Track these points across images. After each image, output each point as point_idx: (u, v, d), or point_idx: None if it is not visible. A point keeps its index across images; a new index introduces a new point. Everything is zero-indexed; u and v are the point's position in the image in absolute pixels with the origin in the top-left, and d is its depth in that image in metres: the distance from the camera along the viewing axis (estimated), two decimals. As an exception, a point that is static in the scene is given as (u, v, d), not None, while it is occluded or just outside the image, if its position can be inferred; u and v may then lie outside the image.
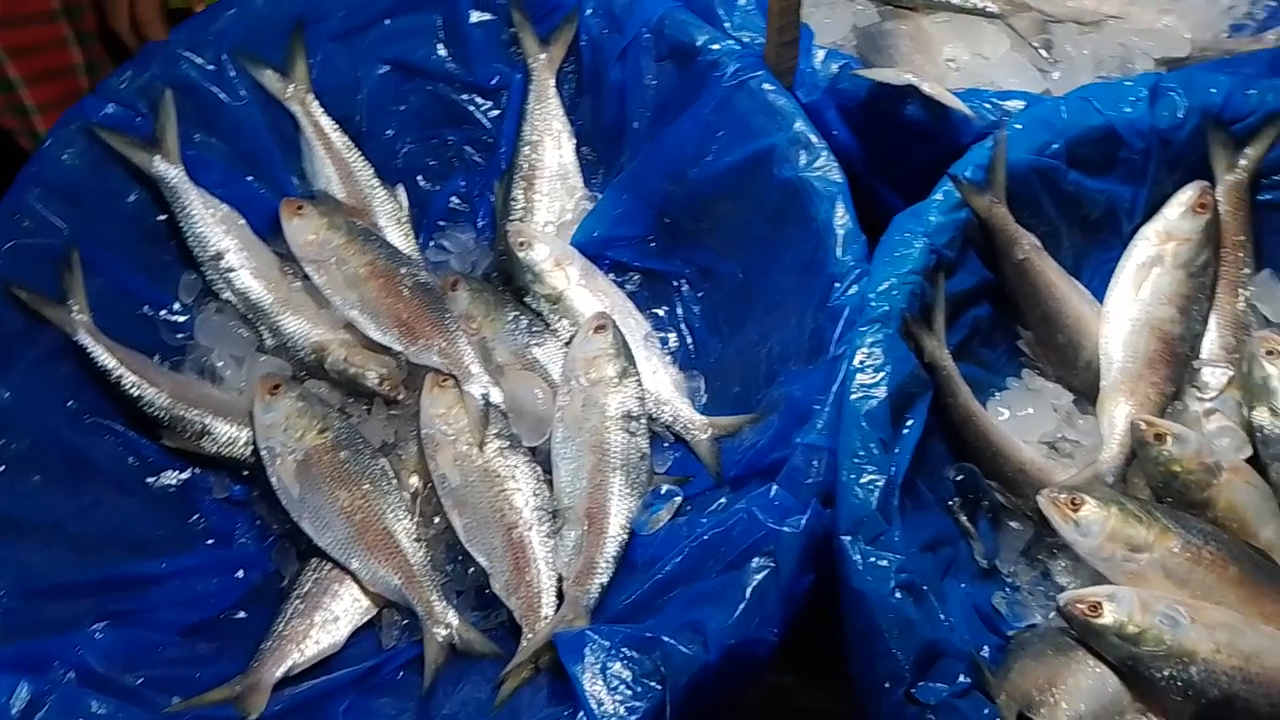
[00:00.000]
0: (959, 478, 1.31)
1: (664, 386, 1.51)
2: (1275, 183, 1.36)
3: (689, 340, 1.57)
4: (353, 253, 1.56)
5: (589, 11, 1.53)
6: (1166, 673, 1.13)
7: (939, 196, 1.27)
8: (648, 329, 1.57)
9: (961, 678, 1.02)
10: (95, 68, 1.74)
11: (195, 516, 1.47)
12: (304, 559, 1.43)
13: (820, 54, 1.41)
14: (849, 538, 1.08)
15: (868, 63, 1.52)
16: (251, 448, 1.48)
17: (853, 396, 1.15)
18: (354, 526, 1.40)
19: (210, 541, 1.45)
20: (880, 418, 1.13)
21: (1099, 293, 1.39)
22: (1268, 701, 1.11)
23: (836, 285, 1.25)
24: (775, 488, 1.14)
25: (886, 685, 1.01)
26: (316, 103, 1.63)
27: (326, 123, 1.64)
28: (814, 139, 1.33)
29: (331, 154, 1.64)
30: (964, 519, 1.29)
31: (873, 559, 1.05)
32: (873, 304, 1.20)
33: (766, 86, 1.37)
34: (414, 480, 1.45)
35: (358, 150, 1.65)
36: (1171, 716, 1.16)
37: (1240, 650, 1.13)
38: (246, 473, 1.50)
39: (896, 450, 1.17)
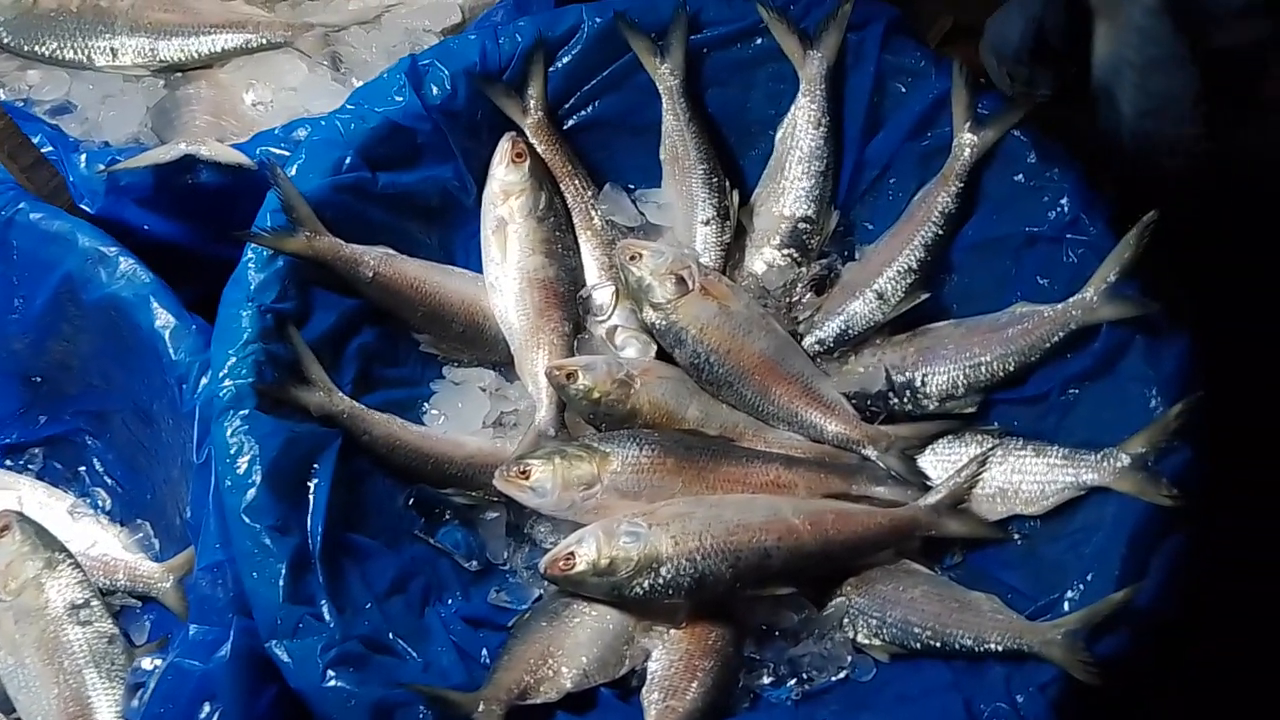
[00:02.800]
0: (411, 502, 1.29)
1: (109, 551, 1.36)
2: (570, 107, 1.44)
3: (119, 490, 1.42)
4: None
5: None
6: (646, 585, 1.19)
7: (251, 255, 1.21)
8: (70, 501, 1.40)
9: (422, 717, 1.00)
10: None
11: None
12: None
13: (82, 159, 1.30)
14: (272, 641, 1.01)
15: (165, 141, 1.44)
16: None
17: (228, 496, 1.08)
18: None
19: None
20: (263, 505, 1.07)
21: (480, 267, 1.42)
22: (728, 566, 1.19)
23: (184, 386, 1.17)
24: (192, 626, 1.05)
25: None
26: None
27: None
28: (106, 249, 1.23)
29: None
30: (433, 539, 1.28)
31: (299, 653, 1.00)
32: (219, 392, 1.13)
33: (35, 215, 1.25)
34: None
35: None
36: (673, 621, 1.24)
37: (693, 531, 1.21)
38: None
39: (309, 521, 1.12)
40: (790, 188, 1.45)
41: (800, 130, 1.42)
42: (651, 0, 1.38)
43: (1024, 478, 1.23)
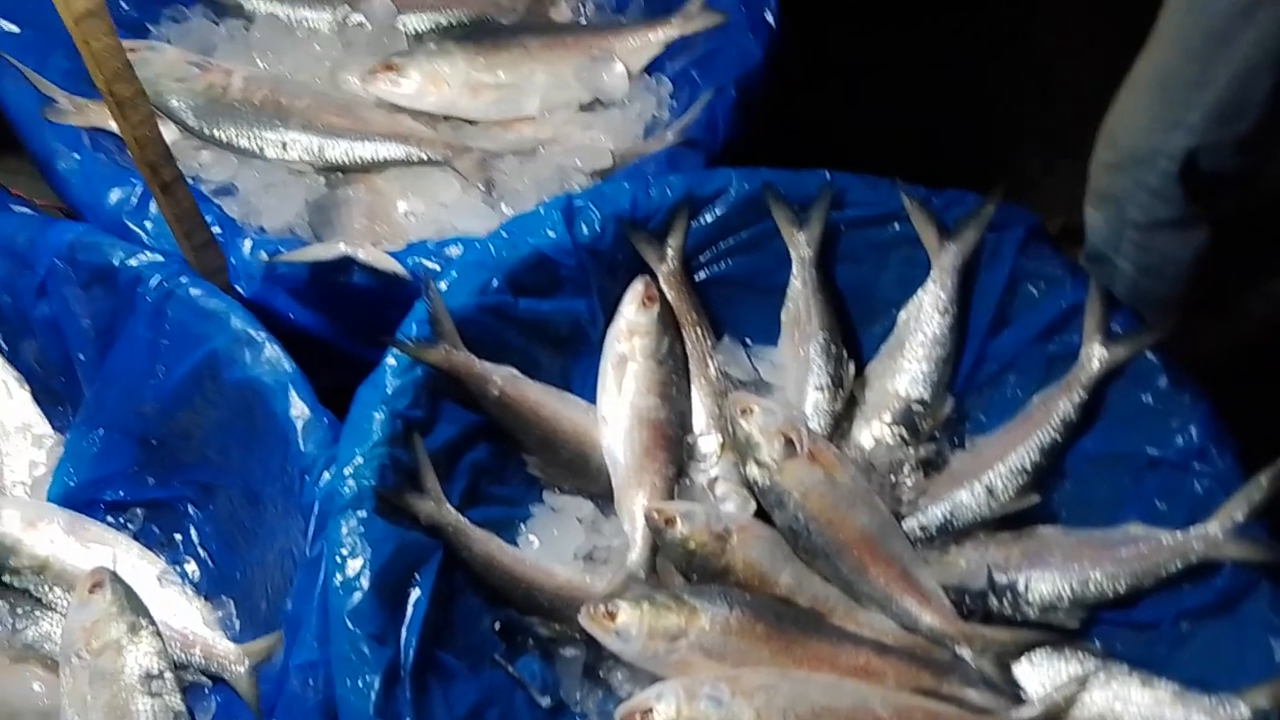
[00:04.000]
0: (497, 626, 1.29)
1: (190, 625, 1.37)
2: (704, 261, 1.49)
3: (210, 564, 1.44)
4: None
5: (-11, 256, 1.40)
6: (723, 757, 1.16)
7: (391, 360, 1.26)
8: (161, 566, 1.42)
9: None
10: None
11: None
12: None
13: (248, 244, 1.37)
14: (355, 755, 1.00)
15: (320, 237, 1.51)
16: None
17: (335, 597, 1.09)
18: None
19: None
20: (367, 612, 1.08)
21: (594, 398, 1.45)
22: (811, 748, 1.16)
23: (306, 478, 1.20)
24: (276, 723, 1.05)
25: None
26: None
27: None
28: (254, 333, 1.28)
29: None
30: (512, 668, 1.27)
31: (380, 771, 0.99)
32: (342, 490, 1.15)
33: (195, 291, 1.31)
34: None
35: None
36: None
37: (778, 707, 1.18)
38: None
39: (404, 633, 1.12)
40: (908, 368, 1.47)
41: (925, 314, 1.45)
42: (799, 175, 1.44)
43: (1128, 708, 1.18)
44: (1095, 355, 1.35)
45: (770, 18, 1.63)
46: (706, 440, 1.46)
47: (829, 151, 1.55)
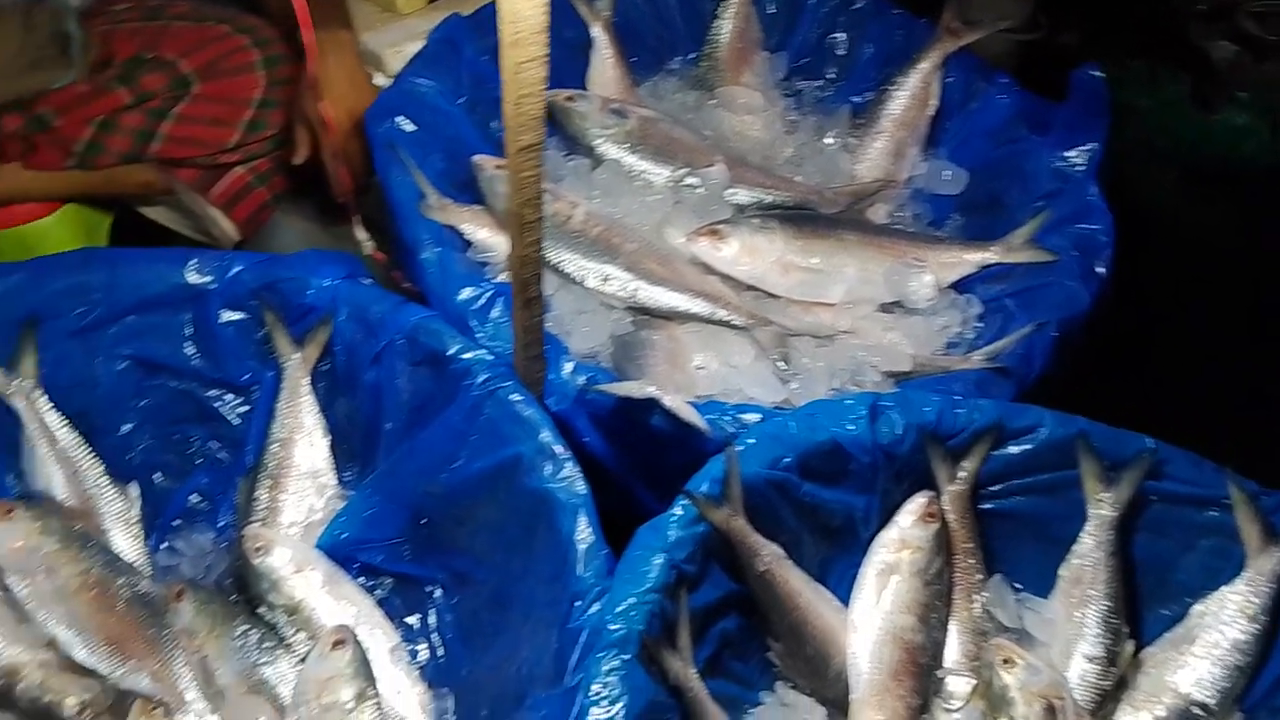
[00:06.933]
0: (714, 808, 1.23)
1: (409, 708, 1.40)
2: (993, 493, 1.45)
3: (440, 652, 1.47)
4: (65, 561, 1.41)
5: (343, 316, 1.54)
6: None
7: (678, 510, 1.27)
8: (395, 641, 1.46)
9: None
10: None
11: None
12: None
13: (569, 365, 1.45)
14: None
15: (621, 370, 1.58)
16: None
17: (587, 733, 1.08)
18: None
19: None
20: (614, 757, 1.06)
21: (847, 598, 1.41)
22: None
23: (577, 604, 1.21)
24: None
25: None
26: (43, 398, 1.52)
27: (52, 418, 1.53)
28: (559, 449, 1.33)
29: (55, 451, 1.52)
30: None
31: None
32: (611, 627, 1.16)
33: (515, 396, 1.39)
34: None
35: (86, 446, 1.54)
36: None
37: None
38: None
39: (638, 791, 1.09)
40: (1195, 666, 1.34)
41: (1229, 616, 1.33)
42: (1117, 434, 1.39)
43: None
44: None
45: (1102, 269, 1.63)
46: (957, 681, 1.38)
47: (1138, 408, 1.50)
